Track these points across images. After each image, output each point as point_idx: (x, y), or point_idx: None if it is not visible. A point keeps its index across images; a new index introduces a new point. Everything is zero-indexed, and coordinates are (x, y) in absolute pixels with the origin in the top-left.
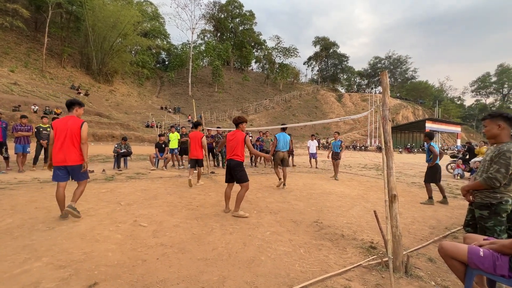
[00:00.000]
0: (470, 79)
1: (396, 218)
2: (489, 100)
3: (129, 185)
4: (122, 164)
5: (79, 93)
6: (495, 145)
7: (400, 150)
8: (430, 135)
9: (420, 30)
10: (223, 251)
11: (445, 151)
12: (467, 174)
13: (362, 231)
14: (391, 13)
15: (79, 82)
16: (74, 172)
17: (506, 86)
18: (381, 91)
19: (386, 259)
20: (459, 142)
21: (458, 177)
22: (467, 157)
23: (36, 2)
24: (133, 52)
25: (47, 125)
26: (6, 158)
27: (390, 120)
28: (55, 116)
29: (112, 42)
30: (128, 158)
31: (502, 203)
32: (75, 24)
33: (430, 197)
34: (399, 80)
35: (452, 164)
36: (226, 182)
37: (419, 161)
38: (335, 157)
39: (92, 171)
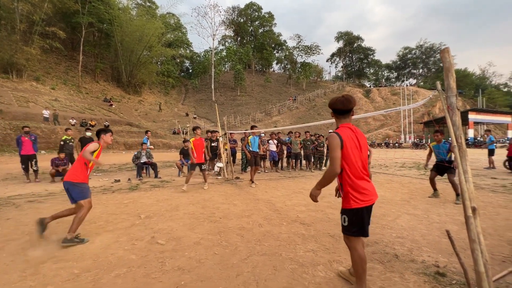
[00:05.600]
0: None
1: (479, 240)
2: None
3: (152, 195)
4: (151, 172)
5: (111, 105)
6: None
7: None
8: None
9: (444, 15)
10: (249, 277)
11: (496, 144)
12: None
13: (420, 248)
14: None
15: (111, 95)
16: None
17: None
18: (413, 83)
19: None
20: (510, 134)
21: None
22: None
23: (72, 24)
24: (158, 63)
25: (71, 137)
26: (35, 171)
27: (458, 109)
28: (88, 127)
29: (139, 54)
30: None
31: None
32: (106, 41)
33: None
34: (432, 70)
35: None
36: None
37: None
38: None
39: (119, 181)
